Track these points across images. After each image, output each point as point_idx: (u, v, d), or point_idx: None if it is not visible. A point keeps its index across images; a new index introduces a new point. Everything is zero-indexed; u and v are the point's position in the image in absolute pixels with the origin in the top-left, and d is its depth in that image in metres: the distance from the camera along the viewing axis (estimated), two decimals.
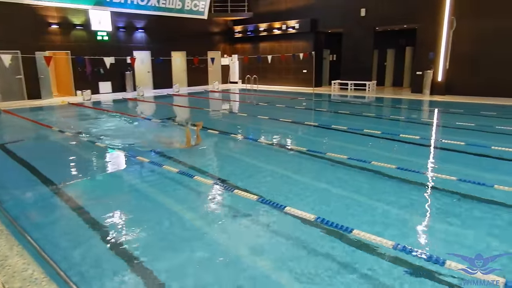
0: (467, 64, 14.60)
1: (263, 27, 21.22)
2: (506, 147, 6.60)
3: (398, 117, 11.63)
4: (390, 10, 16.50)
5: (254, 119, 10.84)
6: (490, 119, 9.94)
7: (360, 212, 4.16)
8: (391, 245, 3.09)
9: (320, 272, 2.96)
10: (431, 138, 8.29)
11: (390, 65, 20.14)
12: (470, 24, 14.26)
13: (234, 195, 4.55)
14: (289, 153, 6.96)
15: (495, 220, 3.90)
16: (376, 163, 5.70)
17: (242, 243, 3.50)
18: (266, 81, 21.51)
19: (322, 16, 18.91)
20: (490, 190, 4.60)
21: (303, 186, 5.07)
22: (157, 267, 3.04)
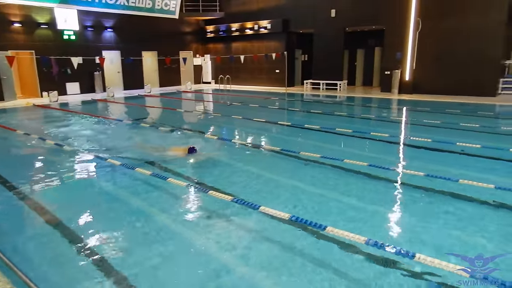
0: (432, 64, 15.16)
1: (235, 27, 21.20)
2: (469, 142, 6.91)
3: (369, 115, 11.93)
4: (359, 11, 16.89)
5: (228, 119, 10.81)
6: (454, 117, 10.38)
7: (334, 209, 4.23)
8: (364, 241, 3.17)
9: (295, 270, 2.99)
10: (400, 135, 8.56)
11: (360, 65, 20.62)
12: (434, 25, 14.83)
13: (208, 196, 4.52)
14: (263, 152, 6.99)
15: (460, 213, 4.07)
16: (348, 161, 5.83)
17: (216, 243, 3.49)
18: (239, 81, 21.51)
19: (293, 16, 19.11)
20: (455, 184, 4.80)
21: (277, 185, 5.11)
22: (127, 268, 2.98)
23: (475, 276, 2.62)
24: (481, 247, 3.34)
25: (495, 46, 13.93)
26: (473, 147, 6.72)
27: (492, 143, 7.02)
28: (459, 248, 3.32)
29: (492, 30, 13.75)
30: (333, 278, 2.88)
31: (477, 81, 14.25)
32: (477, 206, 4.21)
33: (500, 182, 4.84)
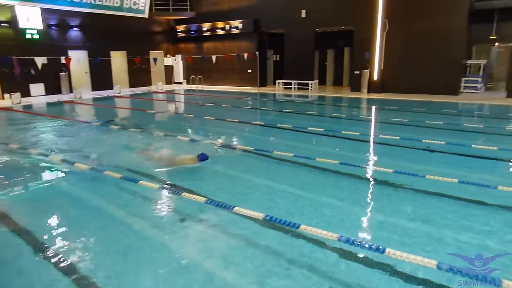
0: (399, 64, 15.67)
1: (207, 27, 21.06)
2: (435, 139, 7.19)
3: (339, 114, 12.17)
4: (328, 12, 17.20)
5: (200, 120, 10.73)
6: (420, 115, 10.77)
7: (307, 208, 4.29)
8: (336, 237, 3.23)
9: (270, 269, 3.01)
10: (370, 134, 8.79)
11: (331, 65, 21.01)
12: (401, 27, 15.33)
13: (181, 198, 4.47)
14: (236, 152, 6.98)
15: (427, 207, 4.23)
16: (320, 159, 5.93)
17: (190, 245, 3.46)
18: (211, 81, 21.38)
19: (264, 16, 19.21)
20: (422, 180, 4.99)
21: (251, 185, 5.12)
22: (100, 276, 2.90)
23: (441, 268, 2.73)
24: (448, 240, 3.48)
25: (457, 47, 14.59)
26: (438, 143, 7.00)
27: (456, 140, 7.34)
28: (425, 240, 3.45)
29: (454, 33, 14.39)
30: (308, 276, 2.92)
31: (441, 81, 14.87)
32: (443, 200, 4.39)
33: (463, 176, 5.06)
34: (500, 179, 5.12)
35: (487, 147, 6.78)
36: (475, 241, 3.43)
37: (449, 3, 14.38)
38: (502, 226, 3.73)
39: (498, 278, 2.57)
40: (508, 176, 5.62)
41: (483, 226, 3.72)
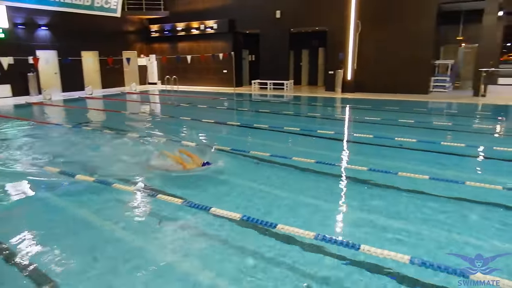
0: (372, 64, 16.03)
1: (181, 27, 20.84)
2: (407, 137, 7.41)
3: (315, 114, 12.33)
4: (302, 12, 17.38)
5: (176, 121, 10.60)
6: (393, 113, 11.06)
7: (284, 207, 4.32)
8: (313, 236, 3.27)
9: (247, 269, 3.02)
10: (344, 132, 8.95)
11: (305, 65, 21.25)
12: (373, 28, 15.70)
13: (157, 200, 4.40)
14: (213, 153, 6.93)
15: (399, 204, 4.35)
16: (296, 158, 5.98)
17: (167, 248, 3.41)
18: (187, 81, 21.17)
19: (239, 16, 19.19)
20: (395, 177, 5.12)
21: (227, 186, 5.10)
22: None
23: (414, 262, 2.81)
24: (422, 235, 3.59)
25: (426, 48, 15.08)
26: (410, 141, 7.21)
27: (426, 137, 7.58)
28: (399, 236, 3.55)
29: (423, 34, 14.86)
30: (285, 274, 2.94)
31: (412, 80, 15.32)
32: (415, 197, 4.52)
33: (434, 173, 5.24)
34: (468, 175, 5.34)
35: (455, 144, 7.04)
36: (449, 236, 3.55)
37: (419, 5, 14.84)
38: (474, 220, 3.89)
39: (459, 269, 2.67)
40: (475, 172, 5.86)
41: (455, 221, 3.86)
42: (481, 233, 3.59)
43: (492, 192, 4.53)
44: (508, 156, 6.16)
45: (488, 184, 4.70)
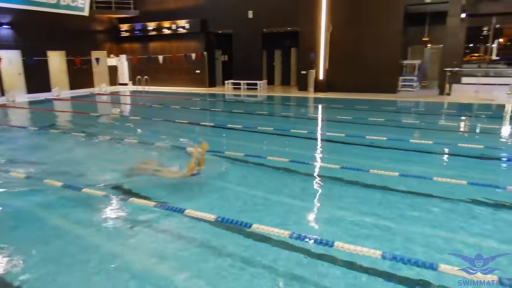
0: (343, 64, 16.34)
1: (152, 26, 20.48)
2: (377, 135, 7.60)
3: (288, 113, 12.44)
4: (275, 13, 17.49)
5: (148, 122, 10.41)
6: (364, 112, 11.32)
7: (259, 206, 4.33)
8: (288, 235, 3.29)
9: (223, 270, 3.00)
10: (317, 131, 9.08)
11: (278, 65, 21.39)
12: (344, 29, 16.00)
13: (130, 204, 4.30)
14: (187, 154, 6.85)
15: (372, 200, 4.46)
16: (271, 158, 6.01)
17: (143, 252, 3.34)
18: (159, 82, 20.83)
19: (211, 16, 19.08)
20: (366, 174, 5.25)
21: (202, 187, 5.06)
22: None
23: (385, 257, 2.89)
24: (394, 231, 3.69)
25: (395, 49, 15.54)
26: (380, 139, 7.41)
27: (395, 135, 7.82)
28: (372, 232, 3.64)
29: (391, 35, 15.31)
30: (261, 273, 2.95)
31: (381, 80, 15.74)
32: (386, 193, 4.65)
33: (403, 170, 5.40)
34: (436, 171, 5.54)
35: (423, 141, 7.29)
36: (420, 230, 3.67)
37: (386, 7, 15.27)
38: (441, 215, 4.04)
39: (428, 262, 2.77)
40: (442, 168, 6.09)
41: (425, 215, 4.00)
42: (449, 226, 3.74)
43: (458, 187, 4.72)
44: (472, 153, 6.44)
45: (454, 179, 4.90)
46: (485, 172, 5.55)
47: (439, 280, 2.78)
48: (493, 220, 3.89)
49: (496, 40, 21.39)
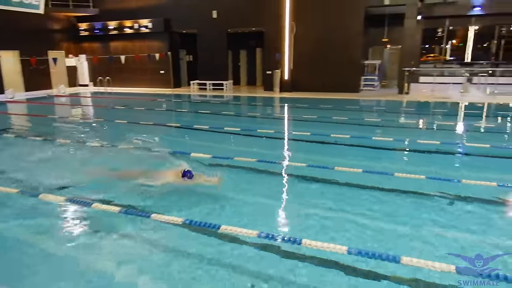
0: (307, 64, 16.63)
1: (113, 25, 19.85)
2: (341, 133, 7.80)
3: (255, 113, 12.50)
4: (239, 13, 17.49)
5: (111, 124, 10.09)
6: (328, 111, 11.58)
7: (227, 207, 4.32)
8: (256, 234, 3.31)
9: (193, 273, 2.97)
10: (283, 131, 9.19)
11: (244, 65, 21.41)
12: (308, 29, 16.28)
13: (93, 210, 4.15)
14: (152, 156, 6.71)
15: (337, 197, 4.57)
16: (238, 158, 6.01)
17: (109, 258, 3.23)
18: (122, 83, 20.23)
19: (175, 16, 18.79)
20: (332, 172, 5.37)
21: (168, 190, 4.97)
22: None
23: (351, 252, 2.97)
24: (359, 226, 3.80)
25: (356, 50, 16.01)
26: (344, 137, 7.60)
27: (358, 133, 8.06)
28: (338, 228, 3.73)
29: (353, 36, 15.76)
30: (231, 275, 2.94)
31: (344, 80, 16.17)
32: (351, 190, 4.79)
33: (366, 166, 5.58)
34: (397, 166, 5.77)
35: (384, 138, 7.57)
36: (384, 225, 3.80)
37: (348, 8, 15.69)
38: (403, 208, 4.21)
39: (391, 255, 2.89)
40: (402, 163, 6.36)
41: (389, 209, 4.15)
42: (411, 219, 3.90)
43: (417, 182, 4.95)
44: (430, 148, 6.76)
45: (413, 174, 5.13)
46: (441, 166, 5.85)
47: (400, 271, 2.89)
48: (451, 211, 4.11)
49: (450, 41, 22.61)
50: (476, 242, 3.45)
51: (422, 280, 2.82)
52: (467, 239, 3.52)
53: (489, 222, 3.88)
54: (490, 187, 4.71)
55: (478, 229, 3.68)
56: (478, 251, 3.19)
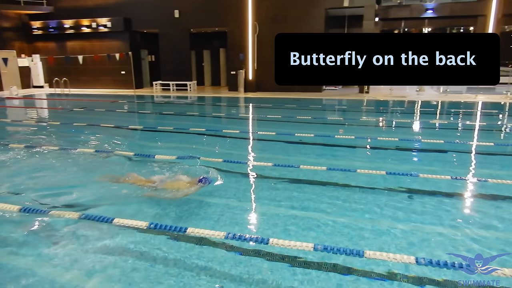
0: (271, 64, 16.70)
1: (69, 24, 19.02)
2: (305, 133, 7.94)
3: (219, 114, 12.43)
4: (201, 13, 17.33)
5: (69, 127, 9.65)
6: (292, 111, 11.74)
7: (193, 209, 4.26)
8: (223, 235, 3.29)
9: (160, 277, 2.90)
10: (249, 131, 9.21)
11: (208, 65, 21.25)
12: (270, 29, 16.40)
13: (50, 217, 3.94)
14: (115, 160, 6.50)
15: (303, 195, 4.64)
16: (204, 158, 5.96)
17: (71, 268, 3.08)
18: (80, 84, 19.43)
19: (135, 15, 18.31)
20: (297, 170, 5.45)
21: (131, 193, 4.83)
22: None
23: (317, 249, 3.03)
24: (324, 222, 3.88)
25: None
26: (308, 136, 7.74)
27: (322, 132, 8.23)
28: (305, 225, 3.78)
29: None
30: (199, 277, 2.90)
31: None
32: (316, 187, 4.88)
33: (330, 164, 5.72)
34: (359, 163, 5.96)
35: (347, 136, 7.79)
36: (348, 220, 3.90)
37: (309, 9, 16.00)
38: (367, 204, 4.34)
39: (355, 250, 2.97)
40: (364, 160, 6.56)
41: (352, 205, 4.26)
42: (374, 214, 4.04)
43: (378, 178, 5.13)
44: (389, 145, 7.04)
45: (375, 170, 5.31)
46: (400, 162, 6.10)
47: (366, 265, 2.98)
48: (409, 205, 4.29)
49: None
50: (434, 235, 3.62)
51: (386, 272, 2.92)
52: (425, 230, 3.68)
53: (444, 213, 4.09)
54: (445, 180, 4.98)
55: (437, 221, 3.87)
56: (436, 241, 3.36)
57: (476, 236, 3.47)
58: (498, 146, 7.21)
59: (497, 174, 5.26)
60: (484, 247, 3.25)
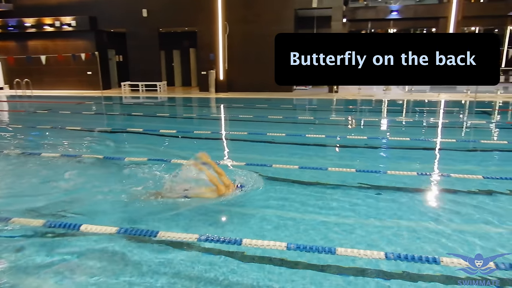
0: (242, 64, 16.77)
1: (30, 23, 18.20)
2: (277, 132, 7.99)
3: (190, 114, 12.30)
4: (171, 12, 17.07)
5: (32, 130, 9.23)
6: (263, 111, 11.79)
7: (164, 213, 4.18)
8: (196, 238, 3.25)
9: (132, 283, 2.83)
10: (220, 131, 9.16)
11: (178, 65, 20.94)
12: (240, 29, 16.42)
13: (12, 225, 3.75)
14: (82, 162, 6.27)
15: (278, 194, 4.66)
16: (175, 161, 5.86)
17: (36, 278, 2.95)
18: (44, 85, 18.64)
19: (101, 13, 17.77)
20: (270, 169, 5.47)
21: (100, 197, 4.68)
22: None
23: (290, 248, 3.05)
24: (298, 220, 3.91)
25: None
26: (280, 135, 7.80)
27: (293, 131, 8.33)
28: (278, 224, 3.80)
29: None
30: (173, 281, 2.85)
31: None
32: (289, 185, 4.92)
33: (301, 162, 5.79)
34: (330, 162, 6.06)
35: (318, 135, 7.90)
36: (321, 218, 3.95)
37: (279, 10, 16.12)
38: (338, 201, 4.42)
39: (327, 247, 3.02)
40: (335, 159, 6.69)
41: (325, 203, 4.33)
42: (345, 211, 4.11)
43: (348, 175, 5.24)
44: (358, 143, 7.21)
45: (345, 168, 5.42)
46: (369, 159, 6.26)
47: (338, 262, 3.04)
48: (378, 201, 4.41)
49: None
50: (407, 227, 3.74)
51: (358, 267, 2.99)
52: (400, 225, 3.80)
53: (414, 207, 4.23)
54: (411, 176, 5.16)
55: (404, 215, 3.99)
56: (406, 234, 3.47)
57: (439, 230, 3.62)
58: (460, 142, 7.55)
59: (459, 169, 5.51)
60: (448, 240, 3.39)
